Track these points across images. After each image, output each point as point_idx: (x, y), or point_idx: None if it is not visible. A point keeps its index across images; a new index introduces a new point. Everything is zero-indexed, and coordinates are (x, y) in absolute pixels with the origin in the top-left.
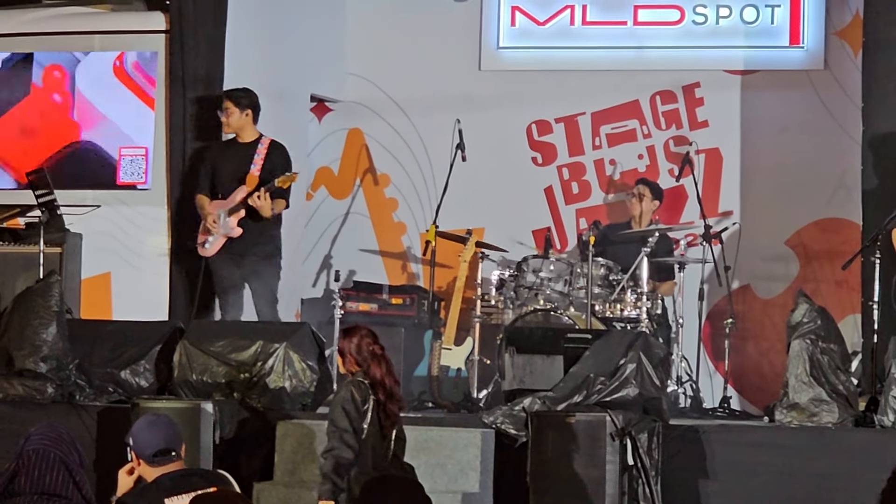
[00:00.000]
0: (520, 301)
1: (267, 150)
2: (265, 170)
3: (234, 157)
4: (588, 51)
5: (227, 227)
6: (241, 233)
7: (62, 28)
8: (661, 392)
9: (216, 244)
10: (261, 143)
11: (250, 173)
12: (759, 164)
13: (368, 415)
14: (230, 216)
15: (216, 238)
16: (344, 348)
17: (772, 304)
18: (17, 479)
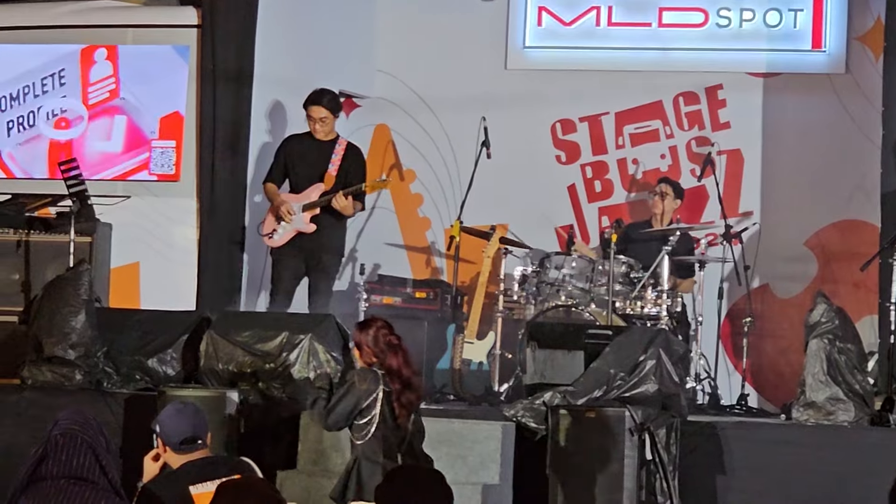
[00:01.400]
0: (542, 297)
1: (344, 150)
2: (341, 170)
3: (312, 153)
4: (613, 51)
5: (301, 221)
6: (313, 229)
7: (95, 21)
8: (679, 388)
9: (286, 236)
10: (338, 144)
11: (328, 172)
12: (780, 165)
13: (376, 405)
14: (304, 211)
15: (286, 230)
16: (360, 341)
17: (790, 304)
18: (45, 462)
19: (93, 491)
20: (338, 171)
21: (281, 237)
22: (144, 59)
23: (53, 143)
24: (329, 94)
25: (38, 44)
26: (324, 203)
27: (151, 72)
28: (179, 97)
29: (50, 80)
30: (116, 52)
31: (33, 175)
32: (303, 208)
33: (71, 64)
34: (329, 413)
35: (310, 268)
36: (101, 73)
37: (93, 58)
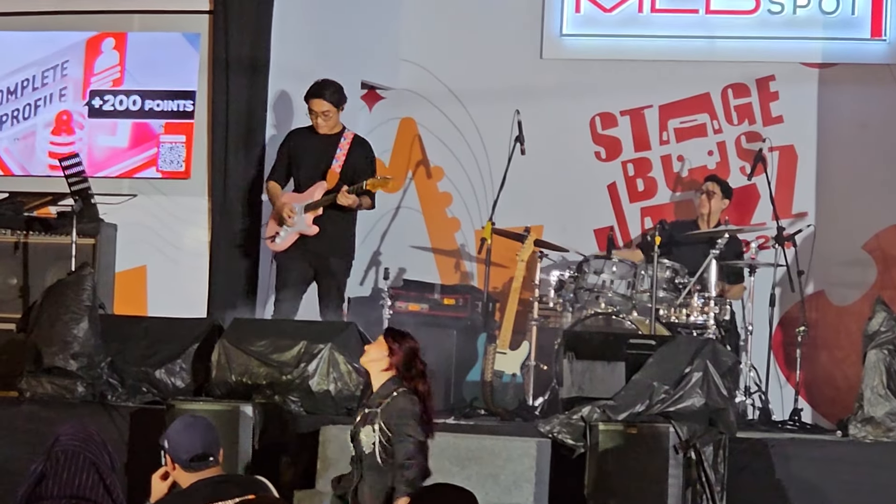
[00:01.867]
0: (580, 304)
1: (350, 144)
2: (347, 165)
3: (316, 148)
4: (657, 40)
5: (303, 223)
6: (317, 231)
7: (100, 7)
8: (728, 403)
9: (288, 239)
10: (344, 137)
11: (331, 169)
12: (836, 162)
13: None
14: (306, 212)
15: (288, 233)
16: (395, 350)
17: (847, 312)
18: (45, 481)
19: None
20: (343, 167)
21: (284, 241)
22: (151, 47)
23: (52, 139)
24: (332, 86)
25: (40, 30)
26: (327, 203)
27: (159, 61)
28: (189, 88)
29: (51, 73)
30: (125, 42)
31: (31, 172)
32: (305, 209)
33: (75, 55)
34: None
35: (318, 273)
36: (105, 64)
37: (99, 48)
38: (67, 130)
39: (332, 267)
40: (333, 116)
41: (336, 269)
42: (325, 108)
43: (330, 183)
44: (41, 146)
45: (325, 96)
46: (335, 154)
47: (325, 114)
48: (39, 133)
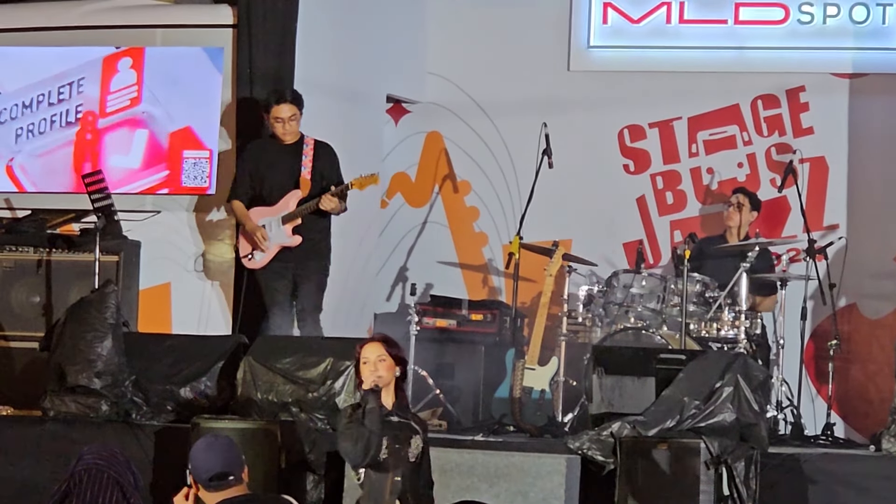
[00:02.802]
0: (609, 318)
1: (313, 150)
2: (315, 171)
3: (281, 159)
4: (685, 51)
5: (282, 235)
6: (299, 241)
7: (122, 21)
8: (759, 418)
9: (267, 255)
10: (305, 144)
11: (302, 176)
12: (868, 174)
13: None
14: (284, 224)
15: (268, 248)
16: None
17: (880, 325)
18: (68, 500)
19: None
20: (311, 174)
21: (264, 257)
22: (173, 62)
23: (70, 153)
24: (291, 89)
25: (59, 46)
26: (305, 211)
27: (181, 76)
28: (212, 103)
29: (67, 89)
30: (142, 59)
31: (46, 188)
32: (282, 220)
33: (92, 72)
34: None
35: (298, 281)
36: (123, 82)
37: (116, 67)
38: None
39: (312, 271)
40: (297, 120)
41: (316, 277)
42: (291, 112)
43: (304, 191)
44: (63, 163)
45: (289, 100)
46: (301, 161)
47: (292, 118)
48: (60, 150)
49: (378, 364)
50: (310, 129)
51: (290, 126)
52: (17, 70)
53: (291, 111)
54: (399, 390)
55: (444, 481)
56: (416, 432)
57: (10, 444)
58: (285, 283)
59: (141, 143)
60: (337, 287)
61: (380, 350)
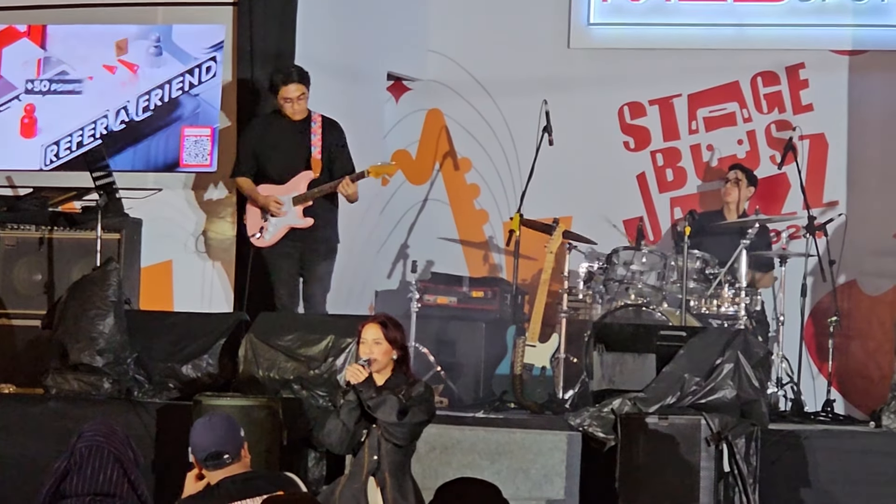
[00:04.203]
0: (609, 295)
1: (322, 128)
2: (325, 150)
3: (288, 136)
4: (685, 28)
5: (294, 216)
6: (311, 223)
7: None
8: (759, 394)
9: (278, 234)
10: (314, 121)
11: (313, 157)
12: (868, 151)
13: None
14: (295, 205)
15: (278, 228)
16: (403, 342)
17: (880, 302)
18: (69, 477)
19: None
20: (321, 153)
21: (273, 235)
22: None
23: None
24: (297, 68)
25: (62, 24)
26: (319, 194)
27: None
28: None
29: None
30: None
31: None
32: (294, 201)
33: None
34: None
35: (305, 261)
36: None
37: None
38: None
39: (321, 254)
40: (306, 98)
41: (325, 257)
42: (299, 91)
43: (315, 171)
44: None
45: (296, 79)
46: (311, 140)
47: (301, 97)
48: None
49: (373, 346)
50: (311, 107)
51: (298, 105)
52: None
53: (300, 90)
54: (399, 373)
55: (445, 458)
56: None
57: (13, 422)
58: (292, 263)
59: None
60: (338, 265)
61: (377, 333)
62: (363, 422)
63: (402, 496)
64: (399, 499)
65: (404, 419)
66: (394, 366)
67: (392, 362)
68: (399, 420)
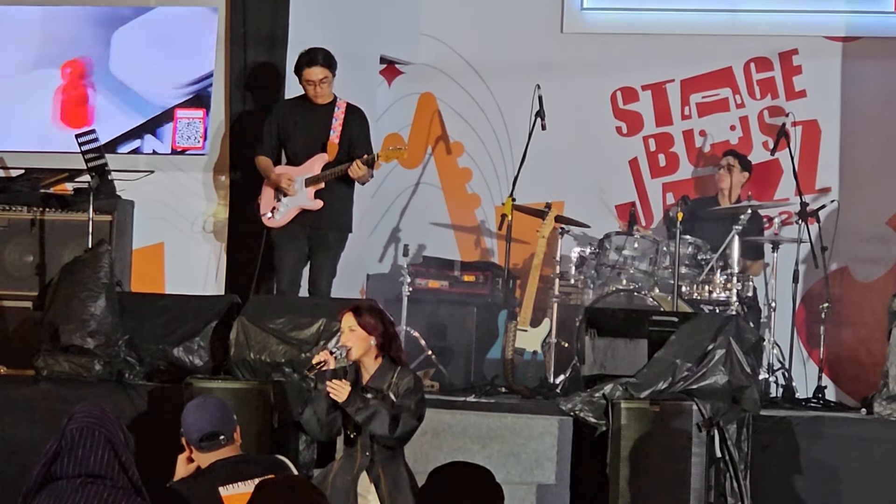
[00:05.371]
0: (601, 280)
1: (345, 114)
2: (344, 136)
3: (310, 120)
4: (679, 13)
5: (305, 197)
6: (320, 205)
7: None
8: (751, 380)
9: (288, 214)
10: (337, 107)
11: (330, 140)
12: (861, 137)
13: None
14: (307, 186)
15: (288, 208)
16: (374, 329)
17: (871, 288)
18: (59, 459)
19: (112, 490)
20: (340, 139)
21: (283, 216)
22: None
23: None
24: (323, 52)
25: (55, 5)
26: (330, 176)
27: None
28: (206, 62)
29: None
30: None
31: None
32: (306, 183)
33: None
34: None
35: (313, 246)
36: None
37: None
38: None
39: (330, 240)
40: (329, 83)
41: (333, 243)
42: (322, 75)
43: (330, 155)
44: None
45: (320, 62)
46: (331, 125)
47: (324, 81)
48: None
49: (349, 334)
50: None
51: (321, 89)
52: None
53: (323, 73)
54: (386, 360)
55: (436, 442)
56: (391, 405)
57: (3, 404)
58: (299, 246)
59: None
60: None
61: (350, 320)
62: (336, 410)
63: (396, 489)
64: (394, 491)
65: (396, 431)
66: (377, 352)
67: (374, 348)
68: (391, 433)
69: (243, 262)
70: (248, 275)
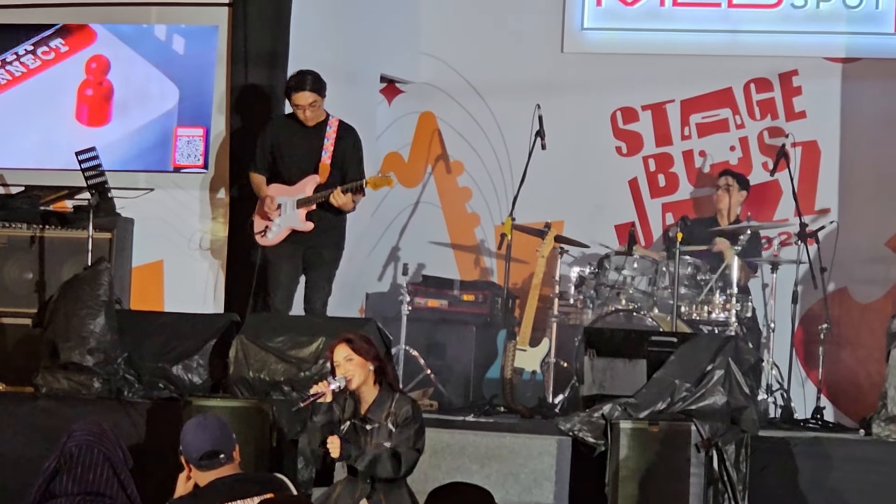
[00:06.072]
0: (600, 300)
1: (337, 132)
2: (336, 156)
3: (302, 138)
4: (679, 34)
5: (295, 219)
6: (311, 227)
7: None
8: (750, 401)
9: (280, 234)
10: (329, 126)
11: (321, 162)
12: (860, 158)
13: None
14: (299, 207)
15: (281, 228)
16: (371, 357)
17: (870, 309)
18: (59, 477)
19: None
20: (332, 160)
21: (276, 235)
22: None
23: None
24: (312, 75)
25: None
26: (320, 199)
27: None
28: (207, 81)
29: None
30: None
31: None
32: (297, 204)
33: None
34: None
35: (308, 264)
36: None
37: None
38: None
39: (324, 258)
40: (319, 106)
41: (328, 260)
42: (310, 99)
43: (322, 176)
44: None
45: (308, 87)
46: (323, 145)
47: (312, 105)
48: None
49: (346, 364)
50: None
51: (311, 112)
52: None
53: (312, 98)
54: (383, 388)
55: (435, 462)
56: (385, 438)
57: (3, 421)
58: (294, 265)
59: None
60: None
61: (345, 351)
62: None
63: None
64: None
65: (401, 470)
66: (375, 378)
67: (372, 374)
68: (396, 473)
69: (242, 279)
70: (246, 293)
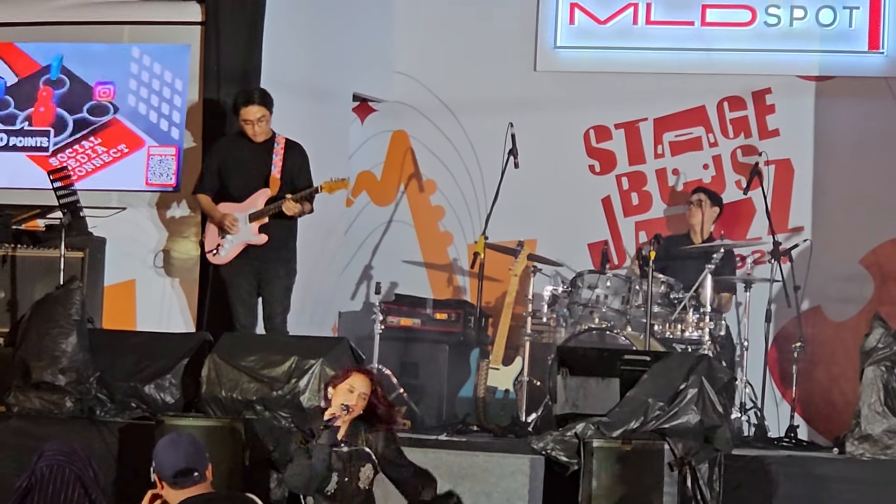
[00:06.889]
0: (574, 319)
1: (284, 149)
2: (285, 169)
3: (250, 157)
4: (652, 52)
5: (248, 233)
6: (265, 240)
7: (89, 17)
8: (723, 420)
9: (233, 251)
10: (276, 143)
11: (272, 175)
12: (833, 176)
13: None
14: (251, 222)
15: (233, 244)
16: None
17: (844, 328)
18: (30, 496)
19: None
20: (281, 173)
21: (228, 252)
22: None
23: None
24: (259, 90)
25: (28, 42)
26: (273, 211)
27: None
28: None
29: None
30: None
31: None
32: (249, 218)
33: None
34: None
35: (263, 282)
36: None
37: None
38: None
39: (280, 272)
40: (267, 120)
41: (283, 275)
42: (260, 113)
43: (273, 190)
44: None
45: (257, 101)
46: (272, 160)
47: (261, 119)
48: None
49: (358, 399)
50: (276, 127)
51: (259, 127)
52: None
53: (260, 112)
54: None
55: None
56: (368, 459)
57: None
58: (250, 280)
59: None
60: (301, 285)
61: (368, 388)
62: (329, 463)
63: None
64: None
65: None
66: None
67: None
68: (435, 491)
69: (214, 299)
70: (217, 312)
